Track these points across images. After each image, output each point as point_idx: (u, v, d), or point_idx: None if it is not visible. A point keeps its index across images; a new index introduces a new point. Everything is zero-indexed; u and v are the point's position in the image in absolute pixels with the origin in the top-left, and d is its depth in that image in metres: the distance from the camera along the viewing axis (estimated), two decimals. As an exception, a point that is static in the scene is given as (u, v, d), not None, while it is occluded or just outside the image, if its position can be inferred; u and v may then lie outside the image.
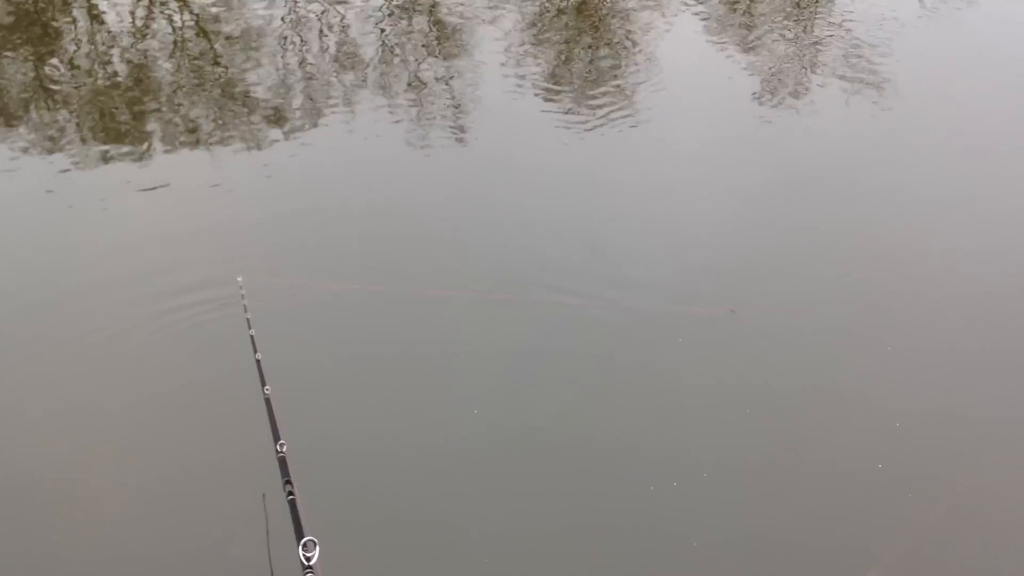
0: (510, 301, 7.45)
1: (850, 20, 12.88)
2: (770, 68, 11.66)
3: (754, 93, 10.96)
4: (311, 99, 10.59)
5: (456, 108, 10.52)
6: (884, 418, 6.50)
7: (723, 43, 12.25)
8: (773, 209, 8.76)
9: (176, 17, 12.47)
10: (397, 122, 10.13)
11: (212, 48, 11.65)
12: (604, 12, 13.23)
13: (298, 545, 3.51)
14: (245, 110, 10.27)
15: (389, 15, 12.79)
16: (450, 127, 10.13)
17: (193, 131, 9.87)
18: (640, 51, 12.07)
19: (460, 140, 9.95)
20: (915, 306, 7.57)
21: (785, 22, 12.99)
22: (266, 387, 4.55)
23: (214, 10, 12.57)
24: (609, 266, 7.87)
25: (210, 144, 9.63)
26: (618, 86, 11.12)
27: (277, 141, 9.67)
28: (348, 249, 8.05)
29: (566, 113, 10.45)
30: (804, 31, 12.76)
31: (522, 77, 11.23)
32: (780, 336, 7.20)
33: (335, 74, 11.24)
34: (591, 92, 10.98)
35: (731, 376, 6.82)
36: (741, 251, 8.16)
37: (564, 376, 6.81)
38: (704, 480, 6.04)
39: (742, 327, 7.24)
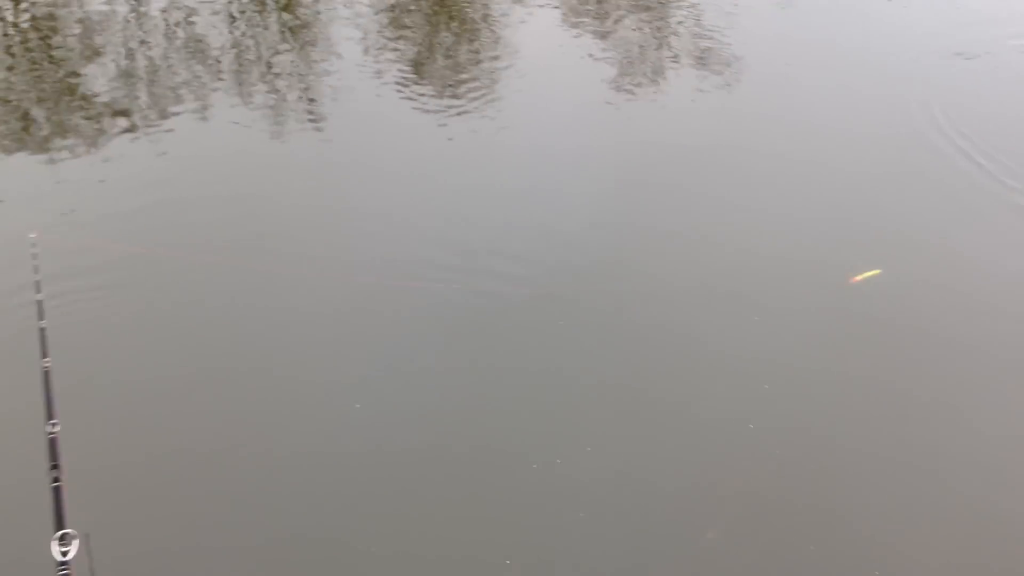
0: (368, 284, 7.45)
1: (698, 5, 13.28)
2: (624, 53, 11.93)
3: (609, 78, 11.19)
4: (158, 94, 10.25)
5: (312, 100, 10.37)
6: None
7: (579, 30, 12.47)
8: (630, 190, 8.99)
9: (8, 14, 11.85)
10: (252, 116, 9.92)
11: (49, 44, 11.12)
12: (462, 1, 13.26)
13: (54, 538, 3.14)
14: (84, 106, 9.86)
15: (241, 12, 12.48)
16: (307, 119, 9.98)
17: (27, 128, 9.46)
18: (498, 39, 12.16)
19: (318, 130, 9.81)
20: (771, 272, 7.91)
21: (637, 10, 13.30)
22: (46, 359, 4.02)
23: (51, 10, 12.01)
24: (468, 251, 7.92)
25: (47, 143, 9.24)
26: (476, 75, 11.18)
27: (122, 136, 9.34)
28: (187, 228, 7.95)
29: (425, 102, 10.43)
30: (656, 18, 13.11)
31: (380, 68, 11.14)
32: (650, 305, 7.46)
33: (184, 69, 10.90)
34: (450, 82, 11.00)
35: (608, 351, 7.02)
36: (604, 235, 8.34)
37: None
38: (587, 454, 6.18)
39: (610, 306, 7.45)
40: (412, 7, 12.97)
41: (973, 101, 10.63)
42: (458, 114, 10.20)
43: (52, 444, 3.52)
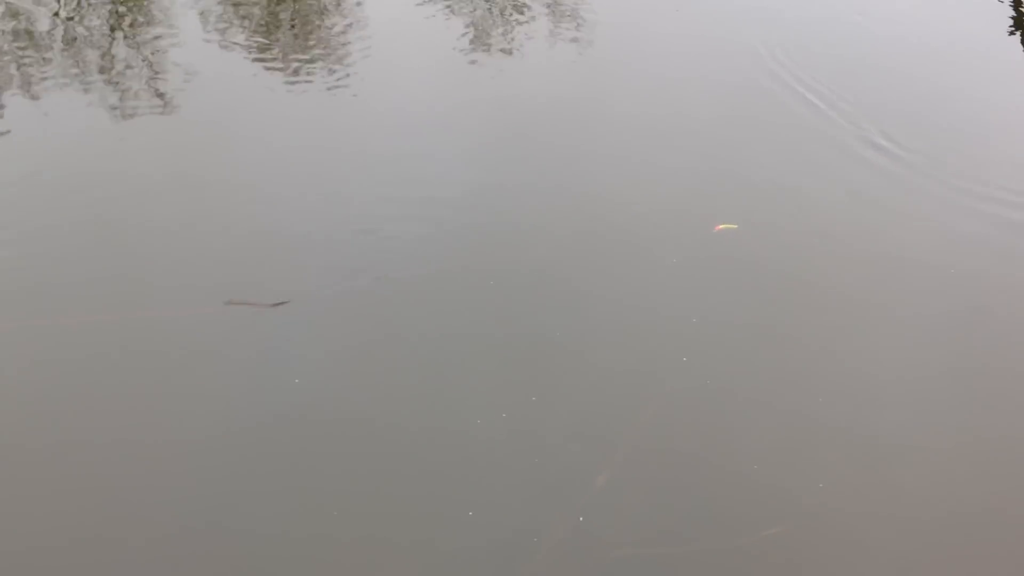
0: (234, 269, 7.24)
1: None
2: (472, 12, 11.86)
3: (459, 37, 11.12)
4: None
5: (155, 78, 9.89)
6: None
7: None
8: (498, 148, 9.02)
9: None
10: (89, 99, 9.39)
11: None
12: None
13: None
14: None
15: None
16: (152, 99, 9.52)
17: None
18: (342, 7, 11.87)
19: (164, 112, 9.39)
20: (644, 222, 8.13)
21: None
22: None
23: None
24: (343, 226, 7.82)
25: None
26: (326, 42, 10.90)
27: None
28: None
29: (277, 72, 10.12)
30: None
31: (226, 41, 10.72)
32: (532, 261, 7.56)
33: (10, 53, 10.19)
34: (302, 50, 10.69)
35: (500, 307, 7.12)
36: (480, 197, 8.33)
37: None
38: (479, 411, 6.25)
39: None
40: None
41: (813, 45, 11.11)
42: (313, 82, 9.96)
43: None
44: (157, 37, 10.65)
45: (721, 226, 6.22)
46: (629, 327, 7.01)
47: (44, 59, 10.12)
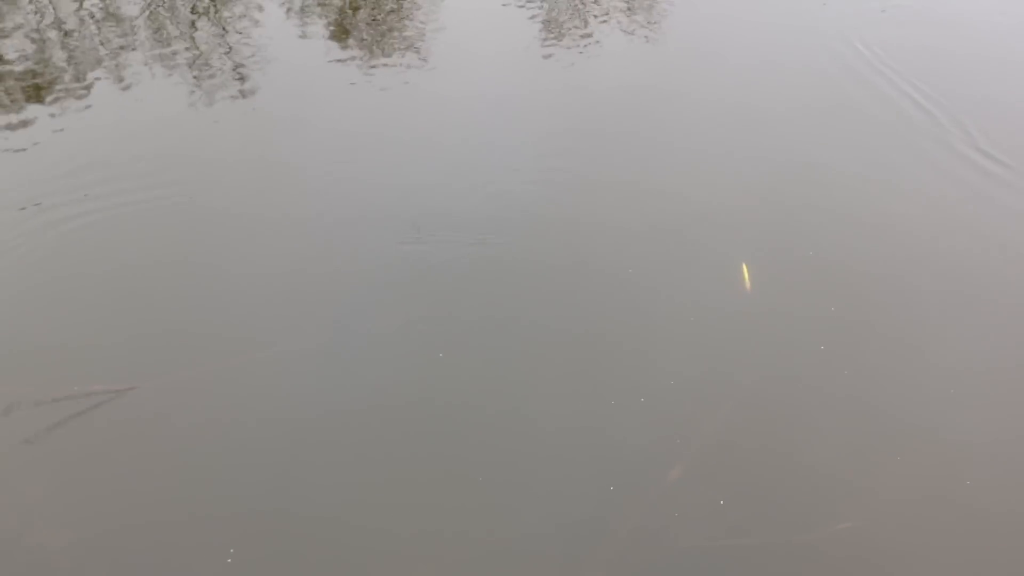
0: (314, 246, 7.38)
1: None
2: (549, 3, 11.85)
3: (536, 29, 11.13)
4: (77, 64, 9.88)
5: (239, 67, 10.10)
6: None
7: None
8: (570, 139, 8.99)
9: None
10: (176, 83, 9.63)
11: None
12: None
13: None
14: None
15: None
16: (235, 86, 9.73)
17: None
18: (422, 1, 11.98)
19: (246, 98, 9.57)
20: (717, 217, 8.03)
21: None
22: None
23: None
24: (417, 208, 7.87)
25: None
26: (405, 31, 11.01)
27: (41, 107, 9.01)
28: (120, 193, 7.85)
29: (354, 59, 10.26)
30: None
31: (306, 31, 10.90)
32: (601, 253, 7.53)
33: (101, 39, 10.50)
34: (379, 38, 10.82)
35: (565, 302, 7.09)
36: (549, 186, 8.33)
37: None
38: (548, 401, 6.25)
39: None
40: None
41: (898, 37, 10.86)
42: (390, 69, 10.06)
43: None
44: (240, 22, 10.91)
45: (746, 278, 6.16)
46: (702, 322, 6.95)
47: (130, 44, 10.41)
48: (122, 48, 10.31)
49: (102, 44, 10.38)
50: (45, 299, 6.90)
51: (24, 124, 8.85)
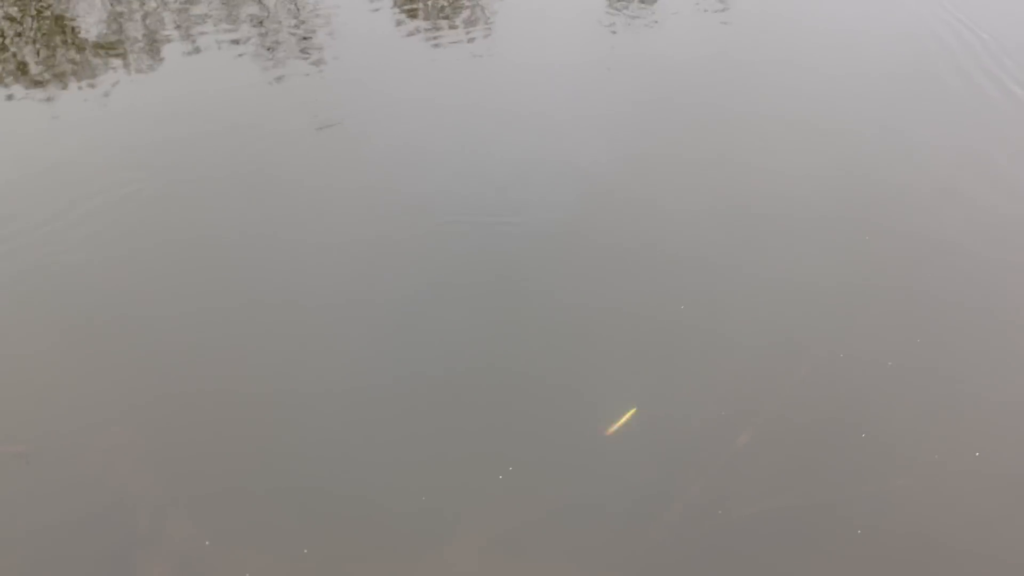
0: (382, 217, 7.45)
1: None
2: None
3: (607, 4, 11.06)
4: (149, 31, 10.07)
5: (307, 35, 10.20)
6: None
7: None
8: (642, 109, 8.93)
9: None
10: (241, 54, 9.76)
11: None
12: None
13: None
14: (76, 48, 9.69)
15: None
16: (302, 53, 9.83)
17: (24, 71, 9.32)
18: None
19: (316, 65, 9.67)
20: (793, 190, 7.93)
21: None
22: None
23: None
24: (483, 181, 7.89)
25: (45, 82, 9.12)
26: (472, 8, 11.02)
27: (114, 73, 9.20)
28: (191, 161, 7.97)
29: (421, 30, 10.29)
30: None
31: (375, 3, 10.97)
32: (672, 228, 7.47)
33: (169, 5, 10.68)
34: (448, 9, 10.84)
35: (637, 276, 7.05)
36: (620, 159, 8.28)
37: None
38: (618, 376, 6.26)
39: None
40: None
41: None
42: (457, 41, 10.08)
43: None
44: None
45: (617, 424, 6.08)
46: (774, 296, 6.88)
47: (198, 14, 10.56)
48: (193, 19, 10.47)
49: (173, 15, 10.55)
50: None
51: (107, 93, 9.05)
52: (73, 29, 10.14)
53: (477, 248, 7.23)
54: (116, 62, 9.58)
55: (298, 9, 10.77)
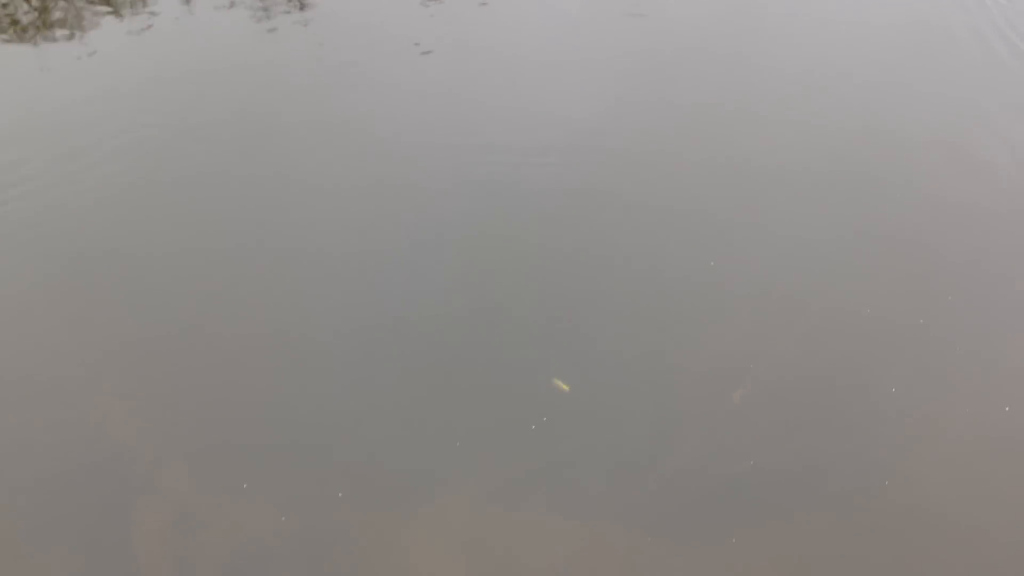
0: (384, 164, 7.38)
1: None
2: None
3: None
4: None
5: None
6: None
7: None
8: (651, 61, 8.87)
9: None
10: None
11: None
12: None
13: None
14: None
15: None
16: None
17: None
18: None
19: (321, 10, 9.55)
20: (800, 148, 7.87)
21: None
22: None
23: None
24: (491, 130, 7.86)
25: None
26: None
27: (105, 21, 9.08)
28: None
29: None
30: None
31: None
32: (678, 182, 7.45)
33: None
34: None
35: (646, 228, 7.01)
36: (629, 110, 8.22)
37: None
38: (618, 324, 6.25)
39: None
40: None
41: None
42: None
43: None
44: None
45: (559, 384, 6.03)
46: (774, 251, 6.85)
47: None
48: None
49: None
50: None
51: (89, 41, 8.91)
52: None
53: (477, 190, 7.21)
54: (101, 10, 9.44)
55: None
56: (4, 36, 9.05)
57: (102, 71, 8.51)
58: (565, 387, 5.76)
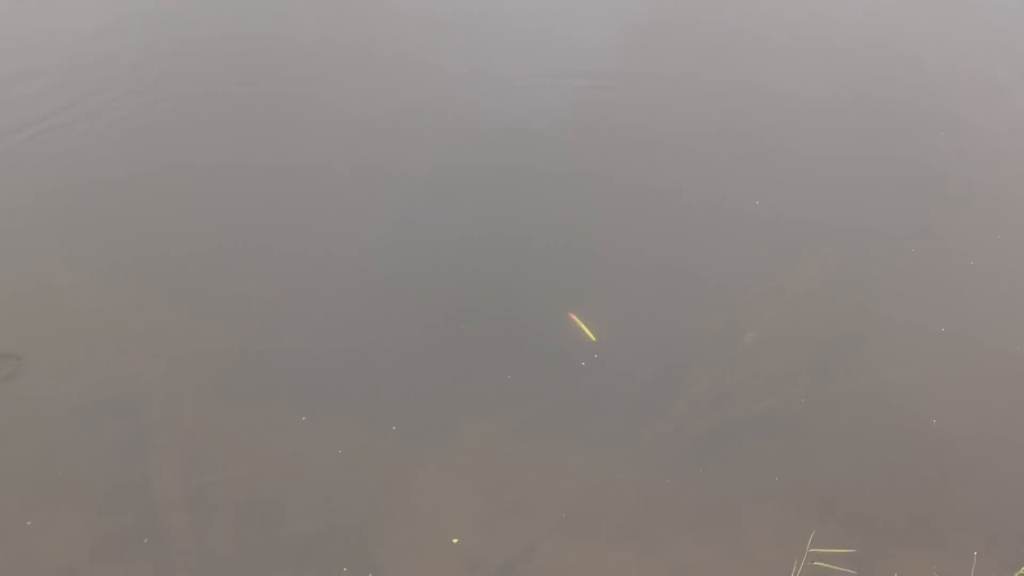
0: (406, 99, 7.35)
1: None
2: None
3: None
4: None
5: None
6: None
7: None
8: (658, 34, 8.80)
9: None
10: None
11: None
12: None
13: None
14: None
15: None
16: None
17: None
18: None
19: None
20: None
21: None
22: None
23: None
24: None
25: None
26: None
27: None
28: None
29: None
30: None
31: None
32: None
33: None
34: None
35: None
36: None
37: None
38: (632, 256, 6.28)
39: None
40: None
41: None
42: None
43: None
44: None
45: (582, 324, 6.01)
46: (785, 201, 6.88)
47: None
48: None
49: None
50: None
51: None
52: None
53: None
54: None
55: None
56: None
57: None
58: (588, 332, 5.72)
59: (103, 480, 4.88)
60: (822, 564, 4.74)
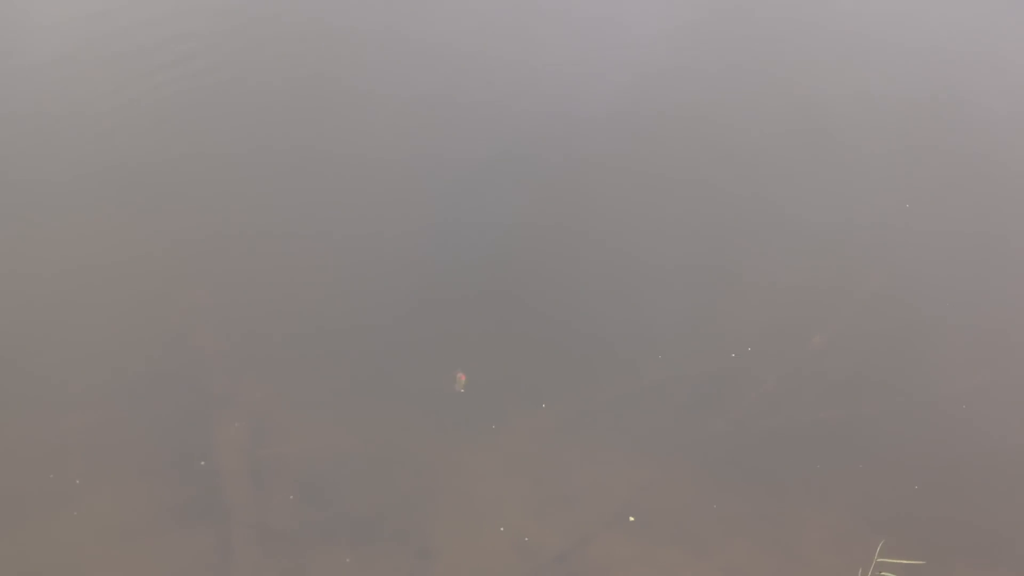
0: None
1: None
2: None
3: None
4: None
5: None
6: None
7: None
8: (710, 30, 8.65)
9: None
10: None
11: None
12: None
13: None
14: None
15: None
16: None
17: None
18: None
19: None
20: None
21: None
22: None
23: None
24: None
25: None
26: None
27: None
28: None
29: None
30: None
31: None
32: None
33: None
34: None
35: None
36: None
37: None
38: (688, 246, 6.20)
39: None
40: None
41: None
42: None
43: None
44: None
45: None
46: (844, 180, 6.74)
47: None
48: None
49: None
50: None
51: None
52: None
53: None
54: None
55: None
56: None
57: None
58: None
59: (166, 451, 4.98)
60: (889, 575, 4.62)
